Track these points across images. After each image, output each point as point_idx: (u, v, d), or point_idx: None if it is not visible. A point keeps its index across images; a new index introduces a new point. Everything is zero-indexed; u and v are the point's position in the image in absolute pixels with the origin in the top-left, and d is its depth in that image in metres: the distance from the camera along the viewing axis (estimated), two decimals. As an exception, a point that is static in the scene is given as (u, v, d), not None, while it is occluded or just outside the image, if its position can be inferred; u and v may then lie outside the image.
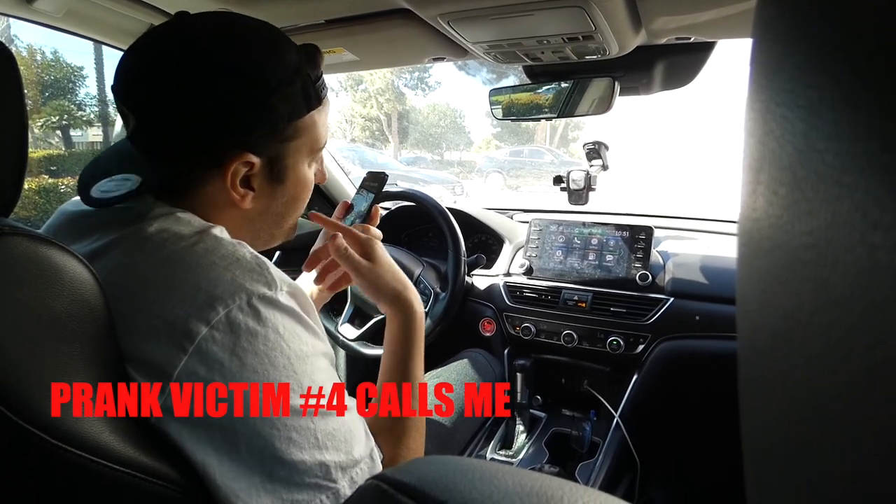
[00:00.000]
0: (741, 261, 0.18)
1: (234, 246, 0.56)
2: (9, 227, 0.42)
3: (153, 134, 0.57)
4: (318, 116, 0.63)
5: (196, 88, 0.55)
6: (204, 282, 0.51)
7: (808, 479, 0.15)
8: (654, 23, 0.92)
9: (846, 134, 0.12)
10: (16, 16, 0.99)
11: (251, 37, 0.58)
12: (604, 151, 1.47)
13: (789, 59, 0.15)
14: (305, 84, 0.60)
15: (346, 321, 1.53)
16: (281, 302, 0.54)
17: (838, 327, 0.13)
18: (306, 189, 0.67)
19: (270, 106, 0.57)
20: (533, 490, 0.28)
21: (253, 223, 0.65)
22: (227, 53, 0.56)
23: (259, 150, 0.59)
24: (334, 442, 0.55)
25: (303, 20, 1.04)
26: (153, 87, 0.55)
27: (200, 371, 0.49)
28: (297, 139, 0.62)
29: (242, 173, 0.59)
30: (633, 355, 1.35)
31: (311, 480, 0.52)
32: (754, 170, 0.17)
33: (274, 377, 0.51)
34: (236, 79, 0.55)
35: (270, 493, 0.51)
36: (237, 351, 0.50)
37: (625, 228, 1.44)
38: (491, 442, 1.36)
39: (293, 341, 0.54)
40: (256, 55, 0.57)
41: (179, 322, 0.49)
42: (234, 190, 0.59)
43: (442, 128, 24.34)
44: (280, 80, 0.57)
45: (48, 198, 5.80)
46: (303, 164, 0.65)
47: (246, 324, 0.51)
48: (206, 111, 0.55)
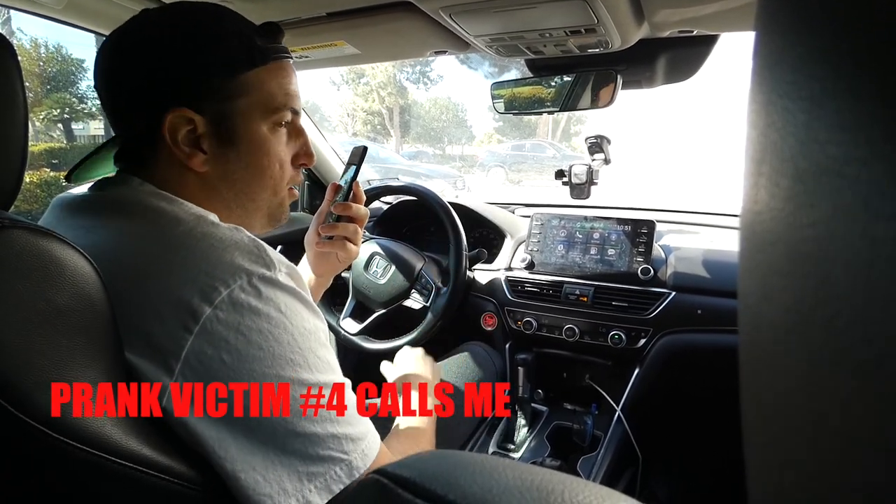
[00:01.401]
0: (743, 254, 0.18)
1: (231, 230, 0.57)
2: (9, 220, 0.42)
3: (107, 105, 0.62)
4: (269, 76, 0.63)
5: (131, 52, 0.59)
6: (204, 264, 0.52)
7: (808, 472, 0.15)
8: (656, 16, 0.92)
9: (848, 125, 0.12)
10: (17, 7, 0.99)
11: (192, 10, 0.61)
12: (606, 145, 1.47)
13: (791, 51, 0.15)
14: (247, 42, 0.61)
15: (348, 315, 1.53)
16: (281, 281, 0.55)
17: (840, 320, 0.13)
18: (267, 154, 0.65)
19: (200, 57, 0.59)
20: (534, 484, 0.28)
21: (218, 192, 0.64)
22: (163, 19, 0.60)
23: (199, 107, 0.60)
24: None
25: (304, 13, 1.04)
26: (104, 61, 0.61)
27: (208, 350, 0.50)
28: (244, 97, 0.62)
29: (184, 131, 0.60)
30: (635, 349, 1.35)
31: (324, 452, 0.54)
32: (756, 162, 0.17)
33: (280, 353, 0.52)
34: (166, 35, 0.59)
35: (287, 466, 0.52)
36: (242, 329, 0.51)
37: (627, 222, 1.44)
38: (493, 436, 1.37)
39: (295, 318, 0.55)
40: (191, 17, 0.60)
41: (183, 303, 0.50)
42: (176, 148, 0.60)
43: (444, 122, 24.33)
44: (214, 35, 0.60)
45: (49, 191, 5.81)
46: (257, 126, 0.63)
47: (249, 303, 0.52)
48: (139, 70, 0.59)
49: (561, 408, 1.51)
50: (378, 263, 1.50)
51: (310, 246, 0.94)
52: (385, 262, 1.49)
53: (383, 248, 1.52)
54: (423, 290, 1.44)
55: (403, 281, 1.45)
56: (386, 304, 1.46)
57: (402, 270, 1.46)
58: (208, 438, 0.50)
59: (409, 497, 0.29)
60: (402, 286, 1.45)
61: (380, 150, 17.58)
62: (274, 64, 0.64)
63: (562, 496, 0.27)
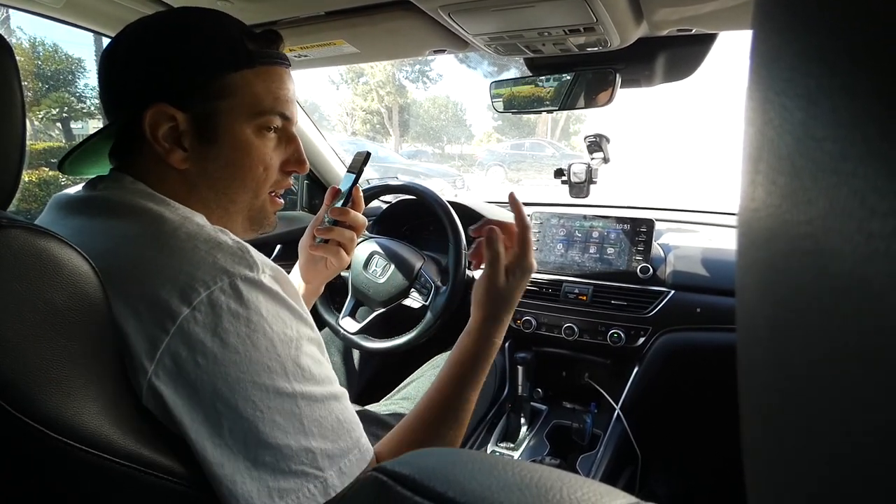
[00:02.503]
0: (740, 251, 0.18)
1: (215, 232, 0.56)
2: (7, 219, 0.42)
3: (101, 98, 0.64)
4: (257, 80, 0.63)
5: (124, 48, 0.61)
6: (186, 265, 0.52)
7: (807, 468, 0.15)
8: (655, 14, 0.92)
9: (844, 122, 0.12)
10: (15, 6, 0.99)
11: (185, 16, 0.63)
12: (605, 144, 1.47)
13: (788, 49, 0.15)
14: (232, 45, 0.62)
15: (347, 315, 1.53)
16: (264, 284, 0.54)
17: (836, 315, 0.13)
18: (248, 156, 0.64)
19: (185, 57, 0.60)
20: (532, 481, 0.29)
21: (198, 191, 0.64)
22: (157, 21, 0.62)
23: (184, 105, 0.60)
24: (321, 429, 0.54)
25: (303, 12, 1.04)
26: (102, 59, 0.63)
27: (182, 352, 0.49)
28: (229, 98, 0.62)
29: (165, 127, 0.60)
30: (634, 348, 1.36)
31: (296, 467, 0.52)
32: (753, 160, 0.17)
33: (256, 359, 0.51)
34: (157, 36, 0.61)
35: (256, 479, 0.50)
36: (219, 332, 0.50)
37: (626, 221, 1.44)
38: (492, 435, 1.37)
39: (276, 324, 0.54)
40: (183, 19, 0.62)
41: (161, 303, 0.50)
42: (156, 142, 0.60)
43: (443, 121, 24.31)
44: (201, 37, 0.61)
45: (48, 190, 5.80)
46: (241, 128, 0.63)
47: (228, 305, 0.51)
48: (128, 65, 0.61)
49: (560, 406, 1.51)
50: (377, 262, 1.49)
51: (303, 250, 0.93)
52: (384, 261, 1.49)
53: (382, 247, 1.52)
54: (422, 289, 1.44)
55: (403, 280, 1.45)
56: (385, 303, 1.46)
57: (401, 269, 1.46)
58: (188, 440, 0.49)
59: (408, 494, 0.29)
60: (402, 285, 1.45)
61: (379, 149, 17.58)
62: (262, 68, 0.63)
63: (560, 493, 0.27)
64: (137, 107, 0.59)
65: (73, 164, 0.65)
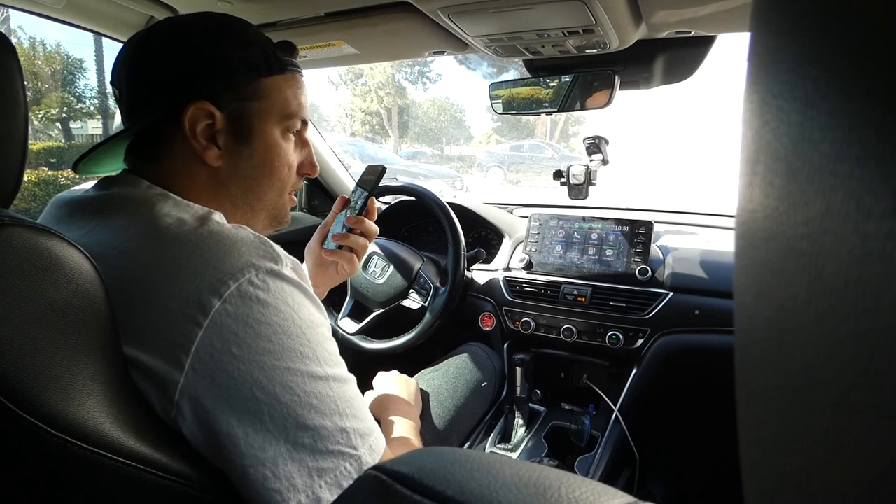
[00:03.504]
0: (738, 252, 0.18)
1: (236, 229, 0.58)
2: (9, 217, 0.42)
3: (126, 96, 0.64)
4: (286, 85, 0.67)
5: (160, 47, 0.62)
6: (212, 259, 0.53)
7: (804, 469, 0.15)
8: (654, 16, 0.92)
9: (841, 124, 0.13)
10: (17, 7, 0.99)
11: (220, 19, 0.65)
12: (604, 146, 1.47)
13: (786, 51, 0.15)
14: (266, 51, 0.66)
15: (346, 315, 1.53)
16: (287, 275, 0.56)
17: (832, 316, 0.13)
18: (277, 156, 0.68)
19: (224, 58, 0.62)
20: (531, 480, 0.29)
21: (227, 187, 0.66)
22: (192, 22, 0.64)
23: (219, 104, 0.62)
24: (352, 409, 0.57)
25: (303, 13, 1.04)
26: (128, 57, 0.63)
27: (217, 344, 0.50)
28: (262, 100, 0.65)
29: (203, 124, 0.62)
30: (633, 349, 1.36)
31: (334, 447, 0.54)
32: (751, 161, 0.17)
33: (289, 346, 0.53)
34: (194, 36, 0.62)
35: (297, 461, 0.52)
36: (251, 322, 0.51)
37: (624, 223, 1.44)
38: (490, 435, 1.37)
39: (303, 312, 0.56)
40: (219, 23, 0.64)
41: (192, 298, 0.51)
42: (194, 139, 0.62)
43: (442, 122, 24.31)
44: (237, 41, 0.64)
45: (48, 190, 5.79)
46: (272, 129, 0.67)
47: (257, 296, 0.52)
48: (166, 63, 0.62)
49: (558, 408, 1.51)
50: (376, 263, 1.50)
51: (311, 254, 0.95)
52: (383, 261, 1.49)
53: (382, 247, 1.52)
54: (421, 290, 1.44)
55: (402, 281, 1.45)
56: (384, 303, 1.47)
57: (400, 270, 1.46)
58: (218, 433, 0.50)
59: (407, 493, 0.29)
60: (401, 286, 1.45)
61: (378, 150, 17.58)
62: (289, 74, 0.68)
63: (558, 492, 0.27)
64: (173, 104, 0.61)
65: (87, 164, 0.66)
